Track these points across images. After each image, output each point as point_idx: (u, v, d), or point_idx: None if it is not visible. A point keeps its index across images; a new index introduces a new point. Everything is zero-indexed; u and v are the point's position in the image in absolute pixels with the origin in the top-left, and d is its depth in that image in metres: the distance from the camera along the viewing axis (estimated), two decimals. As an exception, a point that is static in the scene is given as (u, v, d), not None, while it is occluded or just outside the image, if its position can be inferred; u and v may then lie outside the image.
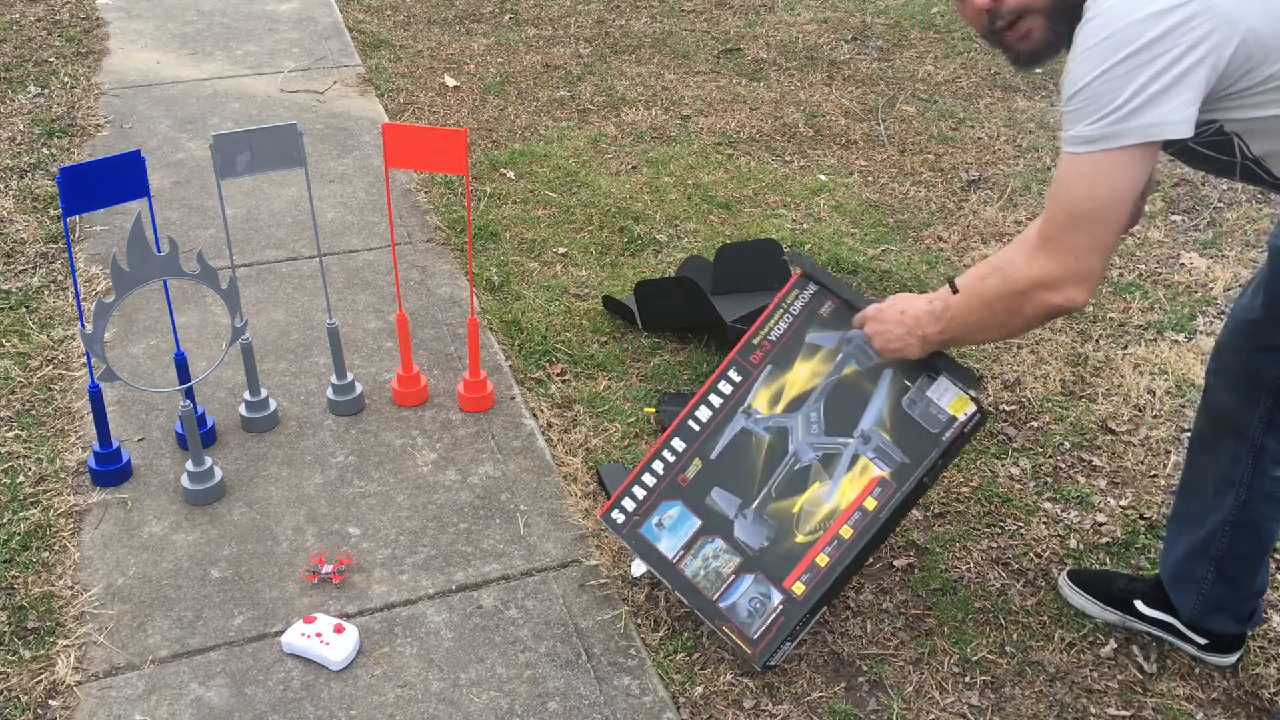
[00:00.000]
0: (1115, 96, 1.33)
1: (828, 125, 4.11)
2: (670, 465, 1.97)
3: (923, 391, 1.79)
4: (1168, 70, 1.30)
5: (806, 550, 1.82)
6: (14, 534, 2.14)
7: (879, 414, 1.81)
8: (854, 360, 1.86)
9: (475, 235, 3.27)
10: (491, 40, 4.88)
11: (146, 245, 2.00)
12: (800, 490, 1.86)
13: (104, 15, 4.96)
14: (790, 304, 1.94)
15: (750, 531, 1.87)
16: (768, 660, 1.82)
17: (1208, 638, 1.92)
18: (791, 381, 1.89)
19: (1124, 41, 1.31)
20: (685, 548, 1.91)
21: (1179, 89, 1.31)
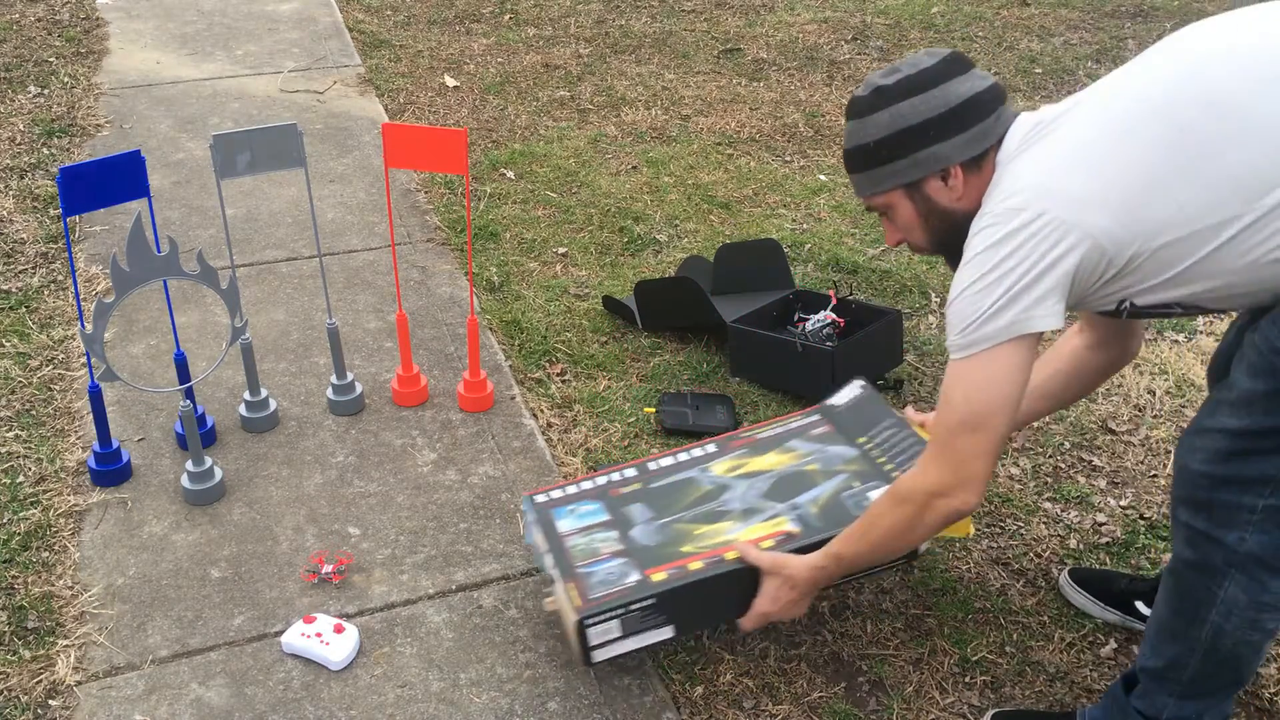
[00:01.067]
0: (977, 307, 1.47)
1: (828, 125, 4.11)
2: (612, 482, 2.03)
3: (864, 492, 1.89)
4: (1022, 278, 1.44)
5: (685, 556, 1.83)
6: (14, 534, 2.14)
7: (816, 496, 1.90)
8: (819, 461, 1.98)
9: (475, 235, 3.27)
10: (491, 40, 4.88)
11: (146, 245, 2.00)
12: (710, 523, 1.90)
13: (104, 15, 4.96)
14: (789, 423, 2.10)
15: (646, 534, 1.89)
16: (586, 618, 1.73)
17: None
18: (756, 462, 2.00)
19: (983, 263, 1.47)
20: (581, 531, 1.93)
21: (1034, 289, 1.44)
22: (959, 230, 1.59)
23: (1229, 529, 1.46)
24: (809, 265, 3.16)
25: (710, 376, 2.68)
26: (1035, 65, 4.69)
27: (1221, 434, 1.45)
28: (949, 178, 1.59)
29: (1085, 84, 4.46)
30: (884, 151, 1.61)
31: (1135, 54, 4.86)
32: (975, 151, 1.57)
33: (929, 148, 1.58)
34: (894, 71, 1.62)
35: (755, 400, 2.59)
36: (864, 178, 1.66)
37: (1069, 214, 1.42)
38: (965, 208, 1.59)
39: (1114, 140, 1.43)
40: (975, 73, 1.60)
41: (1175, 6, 5.39)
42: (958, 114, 1.57)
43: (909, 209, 1.65)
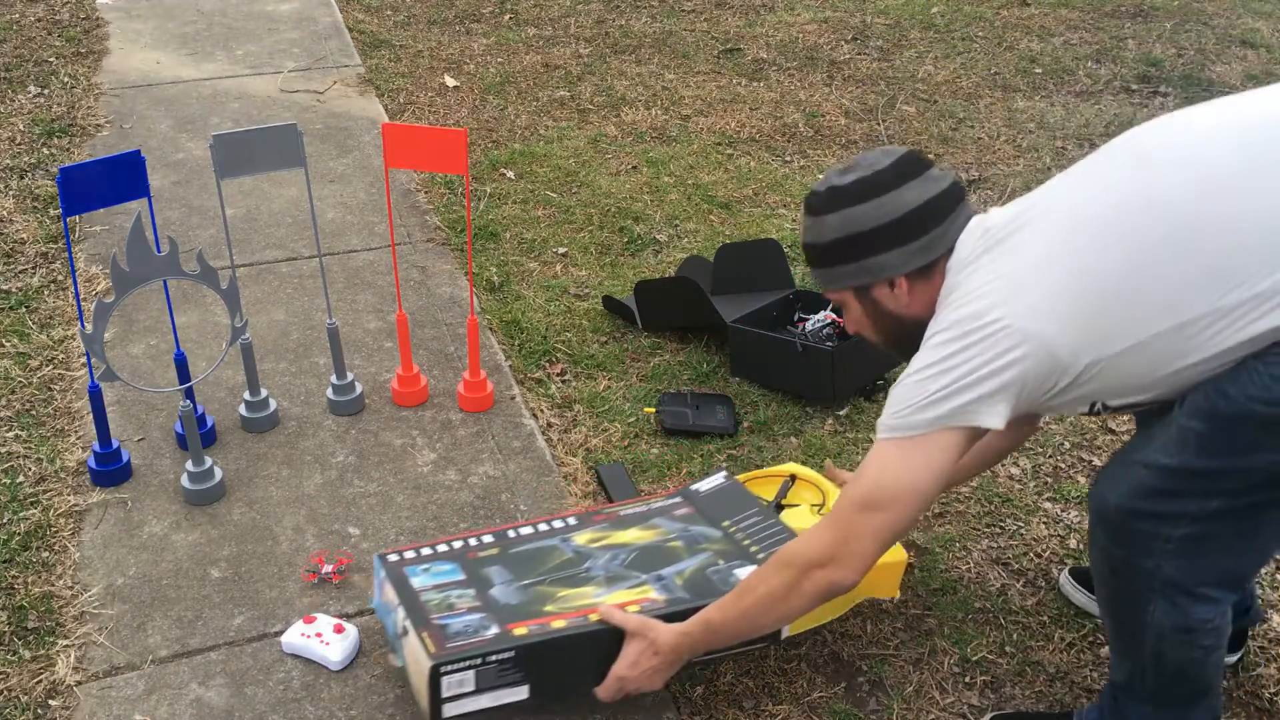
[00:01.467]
0: (917, 393, 1.47)
1: (828, 125, 4.11)
2: (469, 546, 1.95)
3: (730, 570, 1.84)
4: (969, 374, 1.43)
5: (547, 615, 1.74)
6: (14, 534, 2.14)
7: (681, 569, 1.85)
8: (682, 539, 1.93)
9: (475, 235, 3.27)
10: (491, 40, 4.88)
11: (146, 245, 2.00)
12: (573, 586, 1.83)
13: (104, 15, 4.96)
14: (651, 503, 2.03)
15: (505, 594, 1.81)
16: (441, 665, 1.62)
17: None
18: (618, 536, 1.94)
19: (931, 355, 1.47)
20: (436, 588, 1.82)
21: (981, 387, 1.43)
22: (907, 333, 1.61)
23: (1146, 556, 1.47)
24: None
25: (710, 376, 2.68)
26: (1035, 65, 4.69)
27: (1150, 469, 1.45)
28: (895, 286, 1.60)
29: (1085, 84, 4.47)
30: (833, 254, 1.63)
31: (1135, 54, 4.84)
32: (922, 262, 1.57)
33: (875, 256, 1.59)
34: (849, 171, 1.62)
35: (755, 400, 2.59)
36: (817, 274, 1.69)
37: (1025, 323, 1.41)
38: (913, 314, 1.60)
39: (1067, 252, 1.43)
40: (931, 174, 1.59)
41: (1175, 7, 5.39)
42: (905, 224, 1.56)
43: (858, 309, 1.68)
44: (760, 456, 2.40)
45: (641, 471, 2.35)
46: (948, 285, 1.55)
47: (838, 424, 2.52)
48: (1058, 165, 3.78)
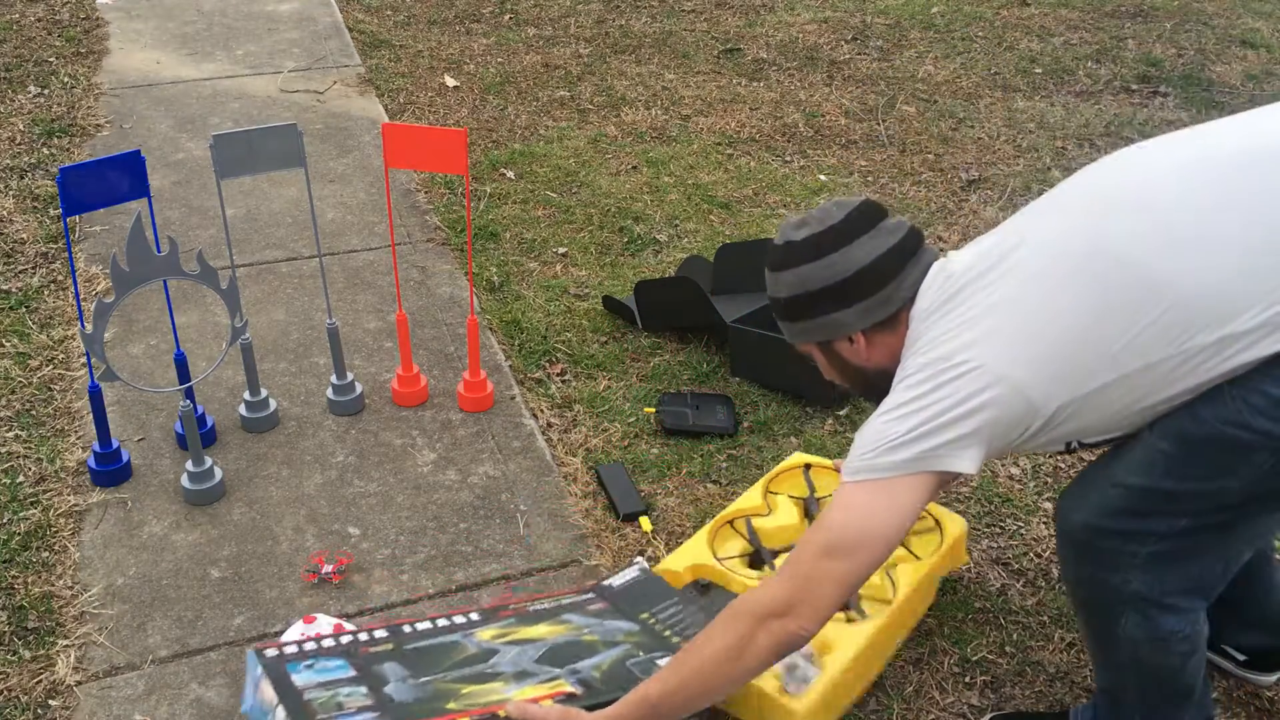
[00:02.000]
0: (884, 435, 1.43)
1: (828, 125, 4.11)
2: (359, 641, 1.73)
3: (651, 660, 1.70)
4: (939, 416, 1.40)
5: (450, 713, 1.53)
6: (14, 534, 2.14)
7: (598, 662, 1.69)
8: (597, 632, 1.77)
9: (475, 235, 3.27)
10: (491, 40, 4.88)
11: (146, 245, 2.00)
12: (479, 683, 1.63)
13: (104, 15, 4.96)
14: (561, 599, 1.87)
15: (403, 691, 1.60)
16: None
17: (1246, 654, 1.88)
18: (526, 631, 1.76)
19: (900, 397, 1.44)
20: (322, 685, 1.59)
21: (950, 431, 1.40)
22: (873, 383, 1.61)
23: (1114, 571, 1.47)
24: (809, 265, 3.15)
25: (710, 376, 2.68)
26: (1035, 65, 4.69)
27: (1118, 489, 1.44)
28: (854, 341, 1.60)
29: (1085, 84, 4.47)
30: (791, 310, 1.64)
31: (1135, 54, 4.83)
32: (880, 316, 1.56)
33: (829, 315, 1.59)
34: (803, 225, 1.61)
35: (755, 400, 2.59)
36: (783, 327, 1.70)
37: (995, 366, 1.39)
38: (876, 365, 1.60)
39: (1032, 296, 1.41)
40: (884, 226, 1.58)
41: (1175, 6, 5.39)
42: (855, 282, 1.55)
43: (824, 361, 1.69)
44: (760, 456, 2.40)
45: (641, 471, 2.35)
46: (912, 333, 1.53)
47: (838, 424, 2.52)
48: (1058, 165, 3.78)
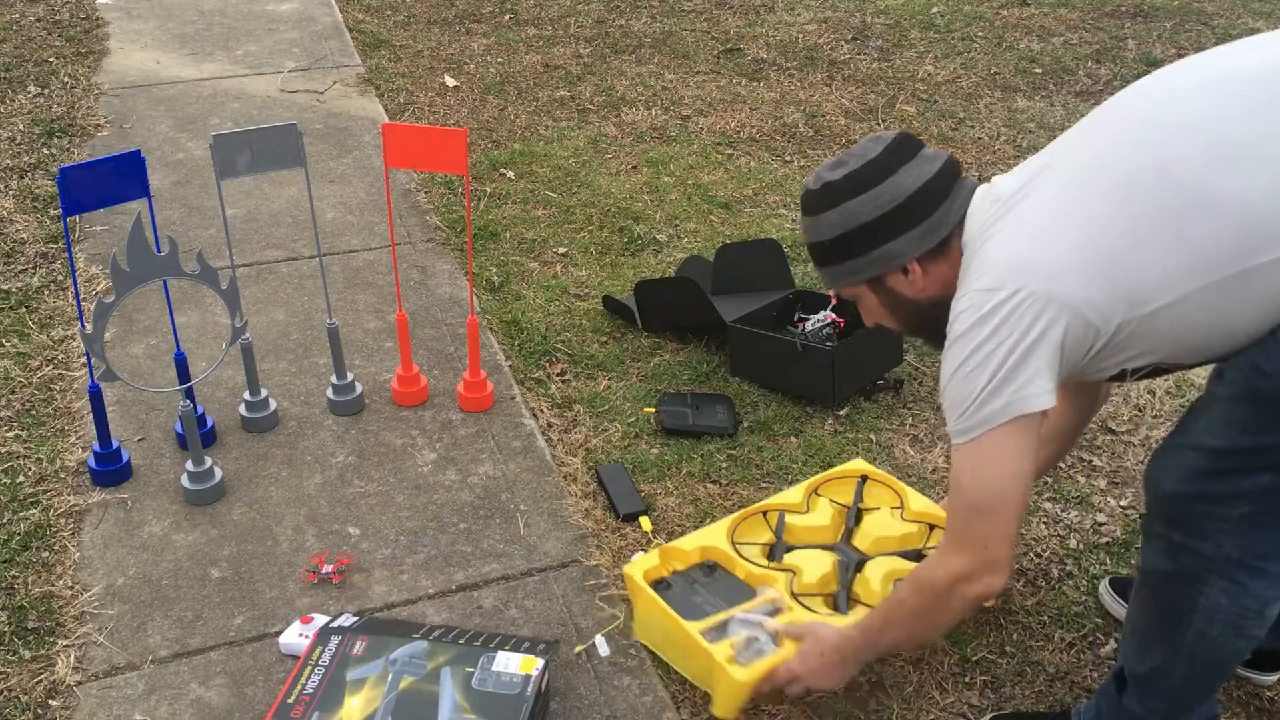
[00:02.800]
0: (970, 391, 1.44)
1: (828, 125, 4.11)
2: None
3: (488, 669, 1.76)
4: (1008, 358, 1.41)
5: None
6: (14, 534, 2.14)
7: (454, 703, 1.72)
8: (406, 673, 1.77)
9: (475, 235, 3.27)
10: (491, 40, 4.88)
11: (146, 245, 2.00)
12: None
13: (104, 15, 4.96)
14: (318, 659, 1.80)
15: None
16: None
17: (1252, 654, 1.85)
18: (347, 716, 1.71)
19: (965, 346, 1.44)
20: None
21: (1024, 368, 1.41)
22: (928, 316, 1.59)
23: (1205, 539, 1.46)
24: (809, 265, 3.16)
25: (710, 376, 2.68)
26: (1035, 65, 4.69)
27: (1198, 452, 1.44)
28: (909, 272, 1.58)
29: (1085, 84, 4.47)
30: (839, 250, 1.61)
31: (1135, 54, 4.83)
32: (932, 243, 1.56)
33: (882, 246, 1.57)
34: (840, 165, 1.59)
35: (755, 400, 2.59)
36: (825, 272, 1.67)
37: (1045, 288, 1.39)
38: (931, 296, 1.59)
39: (1081, 212, 1.41)
40: (925, 154, 1.58)
41: (1175, 6, 5.39)
42: (907, 209, 1.55)
43: (874, 301, 1.66)
44: (760, 456, 2.40)
45: (641, 471, 2.35)
46: (965, 259, 1.52)
47: (838, 424, 2.52)
48: (1058, 165, 3.77)
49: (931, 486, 2.33)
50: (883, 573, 1.90)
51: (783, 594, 1.89)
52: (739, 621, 1.84)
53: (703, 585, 1.94)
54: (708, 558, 2.00)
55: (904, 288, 1.61)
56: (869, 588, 1.89)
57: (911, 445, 2.45)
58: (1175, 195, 1.35)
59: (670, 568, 1.99)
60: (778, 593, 1.89)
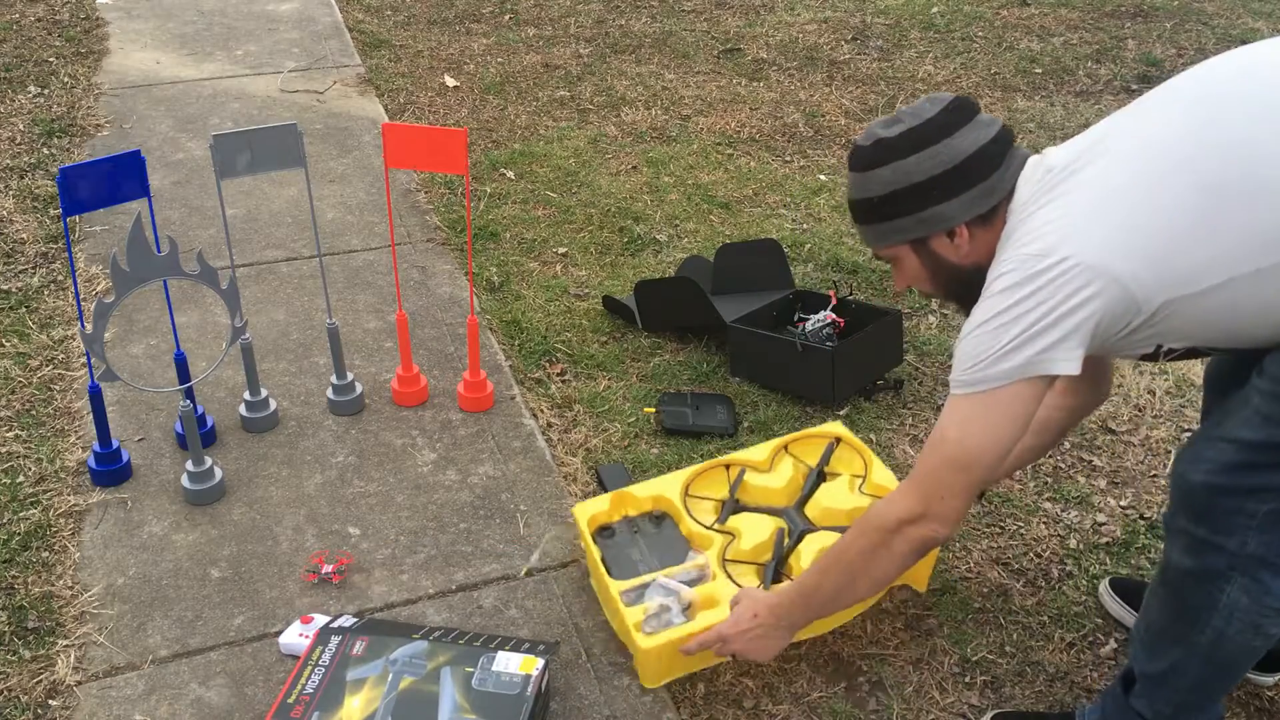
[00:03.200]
0: (989, 345, 1.43)
1: (828, 125, 4.11)
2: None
3: (488, 669, 1.76)
4: (1041, 319, 1.40)
5: None
6: (14, 534, 2.14)
7: (454, 703, 1.72)
8: (407, 673, 1.77)
9: (475, 235, 3.27)
10: (491, 40, 4.88)
11: (146, 245, 2.00)
12: None
13: (104, 15, 4.96)
14: (318, 659, 1.81)
15: None
16: None
17: None
18: (347, 716, 1.71)
19: (999, 303, 1.43)
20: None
21: (1056, 330, 1.40)
22: (967, 281, 1.57)
23: (1230, 535, 1.45)
24: (809, 265, 3.16)
25: (710, 376, 2.68)
26: (1035, 65, 4.69)
27: (1232, 445, 1.43)
28: (955, 236, 1.56)
29: (1085, 84, 4.46)
30: (887, 208, 1.58)
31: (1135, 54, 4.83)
32: (983, 209, 1.54)
33: (933, 207, 1.55)
34: (896, 122, 1.57)
35: (755, 400, 2.59)
36: (869, 230, 1.64)
37: (1095, 260, 1.37)
38: (973, 262, 1.57)
39: (1138, 189, 1.39)
40: (981, 119, 1.56)
41: (1175, 6, 5.39)
42: (963, 171, 1.53)
43: (915, 263, 1.63)
44: (760, 456, 2.40)
45: (641, 471, 2.35)
46: (1009, 227, 1.51)
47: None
48: (1058, 165, 3.77)
49: (931, 486, 2.33)
50: (817, 548, 1.93)
51: (712, 561, 1.93)
52: (658, 587, 1.90)
53: (644, 537, 2.00)
54: (659, 508, 2.06)
55: (947, 251, 1.58)
56: (800, 562, 1.92)
57: (911, 445, 2.45)
58: (1235, 179, 1.34)
59: (621, 513, 2.06)
60: (706, 560, 1.94)
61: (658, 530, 2.02)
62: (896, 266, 1.67)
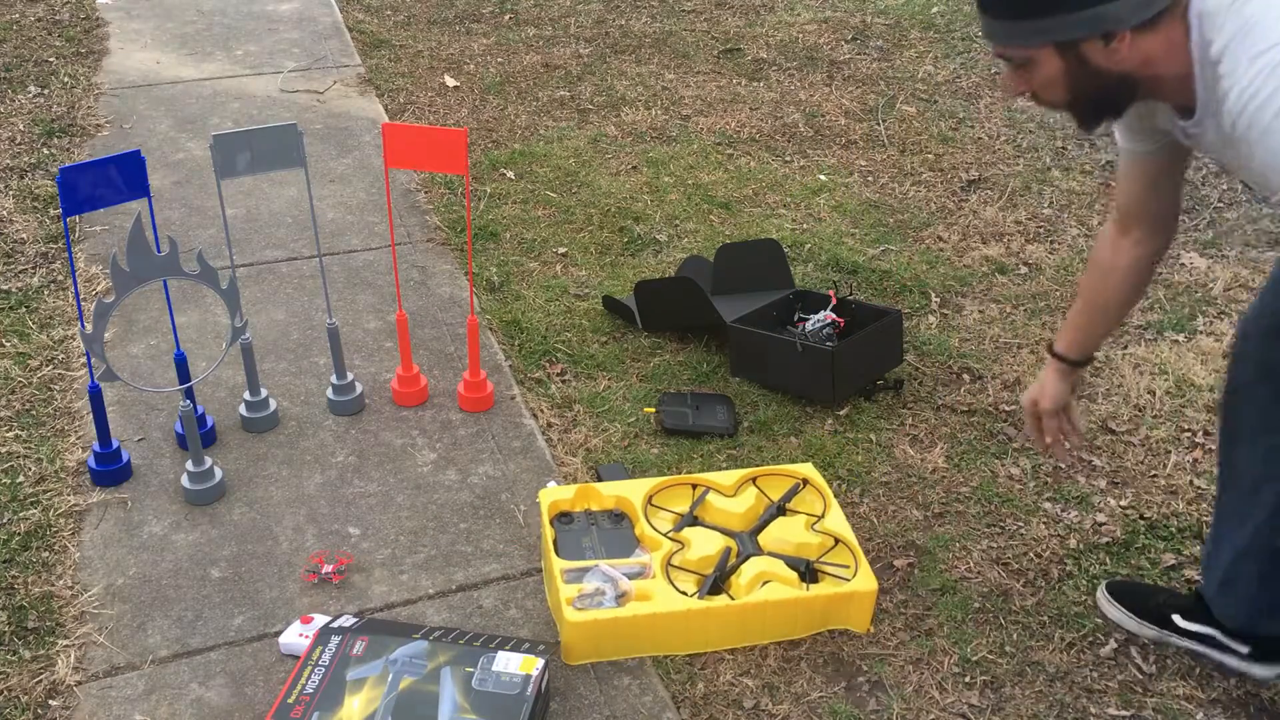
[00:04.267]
0: None
1: (828, 125, 4.11)
2: None
3: (488, 669, 1.77)
4: None
5: None
6: (14, 534, 2.14)
7: (454, 703, 1.72)
8: (406, 673, 1.77)
9: (475, 235, 3.27)
10: (491, 40, 4.88)
11: (146, 245, 2.00)
12: None
13: (104, 15, 4.96)
14: (318, 659, 1.81)
15: None
16: None
17: (1252, 644, 1.87)
18: (347, 716, 1.71)
19: None
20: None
21: None
22: (1110, 89, 1.48)
23: None
24: (809, 265, 3.16)
25: (710, 376, 2.68)
26: (1035, 65, 4.68)
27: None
28: (1112, 40, 1.43)
29: (1085, 84, 4.46)
30: (1044, 3, 1.43)
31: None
32: (1151, 12, 1.41)
33: (1101, 5, 1.40)
34: None
35: (755, 400, 2.59)
36: (1009, 26, 1.48)
37: None
38: (1127, 68, 1.46)
39: None
40: None
41: (1175, 6, 5.38)
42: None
43: (1056, 66, 1.48)
44: (760, 456, 2.40)
45: (641, 471, 2.35)
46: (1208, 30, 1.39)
47: (838, 424, 2.52)
48: (1058, 165, 3.78)
49: (931, 486, 2.33)
50: (755, 572, 1.98)
51: (656, 562, 1.99)
52: (598, 572, 1.96)
53: (599, 530, 2.06)
54: (620, 507, 2.12)
55: (1099, 56, 1.45)
56: (738, 582, 1.97)
57: (911, 445, 2.46)
58: None
59: (585, 505, 2.13)
60: (650, 560, 2.00)
61: (614, 527, 2.09)
62: (1024, 69, 1.52)
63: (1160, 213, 1.79)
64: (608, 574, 1.95)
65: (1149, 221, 1.79)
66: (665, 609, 1.89)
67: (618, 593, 1.92)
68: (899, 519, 2.25)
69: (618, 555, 2.02)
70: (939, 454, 2.42)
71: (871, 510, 2.27)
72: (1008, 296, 3.03)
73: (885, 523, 2.24)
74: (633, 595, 1.92)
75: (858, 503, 2.29)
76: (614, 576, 1.95)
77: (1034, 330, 2.87)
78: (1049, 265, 3.18)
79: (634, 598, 1.92)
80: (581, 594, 1.92)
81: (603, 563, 1.98)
